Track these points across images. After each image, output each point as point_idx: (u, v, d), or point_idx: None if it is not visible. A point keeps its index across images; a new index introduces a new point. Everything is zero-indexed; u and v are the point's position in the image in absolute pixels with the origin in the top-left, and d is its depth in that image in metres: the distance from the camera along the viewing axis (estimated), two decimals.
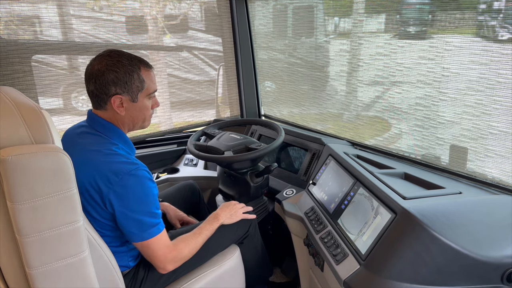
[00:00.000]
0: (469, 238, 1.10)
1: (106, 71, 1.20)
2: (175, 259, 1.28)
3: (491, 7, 1.35)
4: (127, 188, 1.14)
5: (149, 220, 1.19)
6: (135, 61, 1.25)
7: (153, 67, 1.32)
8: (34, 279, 0.96)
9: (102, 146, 1.20)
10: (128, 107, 1.26)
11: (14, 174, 0.87)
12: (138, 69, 1.24)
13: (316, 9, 2.12)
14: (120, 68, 1.21)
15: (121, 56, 1.23)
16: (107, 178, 1.13)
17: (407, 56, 1.63)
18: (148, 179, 1.19)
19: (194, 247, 1.35)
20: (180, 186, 1.91)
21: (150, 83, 1.28)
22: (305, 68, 2.26)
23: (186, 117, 2.54)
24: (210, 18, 2.44)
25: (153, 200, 1.20)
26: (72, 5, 2.01)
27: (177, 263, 1.29)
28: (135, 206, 1.16)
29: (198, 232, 1.40)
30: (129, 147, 1.30)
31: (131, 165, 1.16)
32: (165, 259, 1.25)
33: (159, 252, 1.23)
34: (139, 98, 1.27)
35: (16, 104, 0.93)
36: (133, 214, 1.16)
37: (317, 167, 1.82)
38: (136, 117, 1.30)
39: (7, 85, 1.84)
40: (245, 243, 1.64)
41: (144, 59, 1.30)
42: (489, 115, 1.39)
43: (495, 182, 1.41)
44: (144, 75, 1.26)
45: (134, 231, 1.18)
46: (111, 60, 1.21)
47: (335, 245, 1.32)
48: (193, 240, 1.36)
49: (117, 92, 1.22)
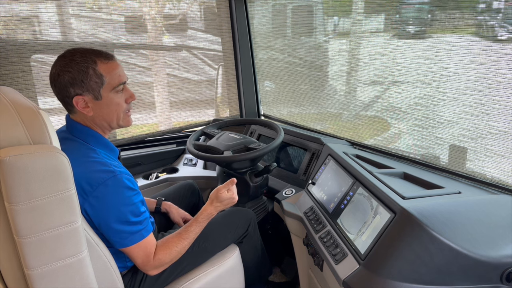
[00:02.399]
0: (469, 237, 1.10)
1: (61, 72, 1.14)
2: (157, 265, 1.25)
3: (490, 7, 1.35)
4: (101, 199, 1.10)
5: (128, 228, 1.16)
6: (90, 55, 1.16)
7: (114, 58, 1.21)
8: (33, 279, 0.95)
9: (78, 153, 1.15)
10: (94, 106, 1.18)
11: (12, 174, 0.87)
12: (93, 63, 1.15)
13: (315, 9, 2.12)
14: (73, 67, 1.13)
15: (75, 54, 1.15)
16: (81, 189, 1.09)
17: (406, 56, 1.63)
18: (124, 187, 1.13)
19: (177, 252, 1.30)
20: (179, 186, 1.91)
21: (112, 76, 1.18)
22: (305, 68, 2.26)
23: (186, 117, 2.54)
24: (209, 18, 2.44)
25: (130, 209, 1.15)
26: (71, 5, 2.00)
27: (159, 269, 1.27)
28: (110, 217, 1.13)
29: (185, 236, 1.33)
30: (110, 150, 1.25)
31: (106, 173, 1.11)
32: (146, 265, 1.23)
33: (139, 259, 1.21)
34: (103, 94, 1.18)
35: (13, 104, 0.93)
36: (110, 224, 1.13)
37: (316, 166, 1.82)
38: (107, 116, 1.21)
39: (6, 85, 1.84)
40: (244, 242, 1.63)
41: (103, 50, 1.21)
42: (488, 115, 1.39)
43: (494, 182, 1.41)
44: (102, 69, 1.17)
45: (114, 239, 1.16)
46: (64, 61, 1.14)
47: (335, 245, 1.32)
48: (177, 244, 1.30)
49: (77, 93, 1.15)
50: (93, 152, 1.17)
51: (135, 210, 1.17)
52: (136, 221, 1.17)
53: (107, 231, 1.15)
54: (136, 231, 1.18)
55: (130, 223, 1.16)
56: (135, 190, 1.18)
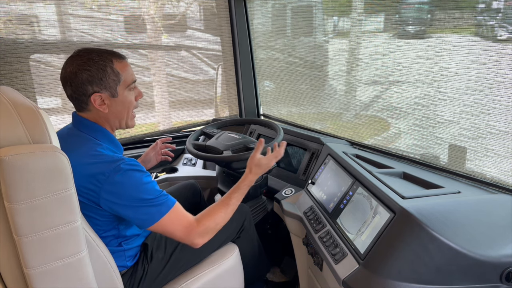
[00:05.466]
0: (468, 237, 1.10)
1: (79, 71, 1.17)
2: (201, 232, 1.23)
3: (490, 7, 1.35)
4: (117, 183, 1.12)
5: (150, 203, 1.17)
6: (106, 54, 1.22)
7: (126, 58, 1.28)
8: (32, 279, 0.95)
9: (86, 147, 1.18)
10: (110, 104, 1.23)
11: (12, 174, 0.87)
12: (110, 62, 1.21)
13: (315, 9, 2.12)
14: (92, 65, 1.18)
15: (91, 53, 1.20)
16: (95, 179, 1.11)
17: (406, 56, 1.63)
18: (134, 170, 1.16)
19: (222, 218, 1.29)
20: (181, 185, 1.91)
21: (126, 74, 1.25)
22: (304, 68, 2.26)
23: (185, 117, 2.54)
24: (208, 17, 2.44)
25: (147, 187, 1.16)
26: (71, 4, 2.00)
27: (204, 236, 1.25)
28: (131, 198, 1.14)
29: (229, 203, 1.33)
30: (115, 146, 1.27)
31: (115, 162, 1.14)
32: (189, 234, 1.21)
33: (178, 231, 1.20)
34: (119, 92, 1.24)
35: (13, 103, 0.93)
36: (132, 204, 1.14)
37: (316, 166, 1.82)
38: (120, 112, 1.26)
39: (5, 84, 1.84)
40: (241, 237, 1.63)
41: (116, 50, 1.27)
42: (488, 115, 1.39)
43: (494, 182, 1.42)
44: (118, 67, 1.23)
45: (142, 217, 1.16)
46: (81, 60, 1.18)
47: (334, 245, 1.32)
48: (221, 210, 1.30)
49: (95, 91, 1.19)
50: (100, 147, 1.19)
51: (150, 189, 1.18)
52: (155, 197, 1.18)
53: (131, 213, 1.15)
54: (160, 203, 1.18)
55: (149, 200, 1.16)
56: (145, 172, 1.20)
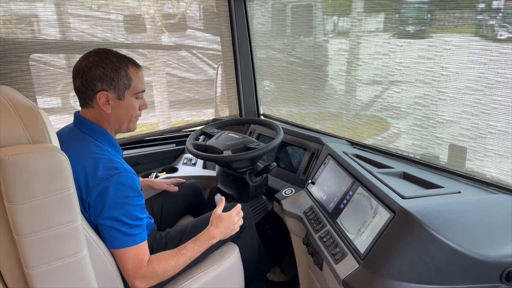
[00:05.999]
0: (468, 237, 1.10)
1: (93, 66, 1.18)
2: (146, 276, 1.19)
3: (490, 6, 1.35)
4: (103, 194, 1.11)
5: (122, 228, 1.14)
6: (123, 59, 1.24)
7: (142, 68, 1.30)
8: (32, 279, 0.95)
9: (86, 148, 1.17)
10: (114, 105, 1.24)
11: (11, 174, 0.87)
12: (126, 66, 1.23)
13: (314, 8, 2.12)
14: (108, 64, 1.19)
15: (110, 53, 1.22)
16: (86, 183, 1.11)
17: (406, 55, 1.63)
18: (127, 186, 1.14)
19: (172, 266, 1.25)
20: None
21: (138, 82, 1.27)
22: (304, 67, 2.26)
23: (185, 117, 2.54)
24: (208, 17, 2.44)
25: (128, 210, 1.14)
26: (70, 4, 2.00)
27: (148, 281, 1.20)
28: (108, 214, 1.12)
29: (183, 252, 1.29)
30: (115, 149, 1.27)
31: (112, 170, 1.12)
32: (135, 272, 1.18)
33: (129, 265, 1.17)
34: (126, 97, 1.25)
35: (13, 103, 0.93)
36: (106, 221, 1.12)
37: (316, 166, 1.82)
38: (122, 117, 1.27)
39: (4, 84, 1.84)
40: (242, 236, 1.63)
41: (134, 59, 1.29)
42: (488, 115, 1.39)
43: (494, 182, 1.42)
44: (132, 74, 1.25)
45: (107, 237, 1.15)
46: (99, 57, 1.20)
47: (334, 245, 1.32)
48: (174, 259, 1.26)
49: (103, 88, 1.20)
50: (100, 149, 1.19)
51: (133, 213, 1.16)
52: (132, 224, 1.15)
53: (102, 228, 1.15)
54: (130, 234, 1.16)
55: (125, 225, 1.14)
56: (138, 192, 1.18)
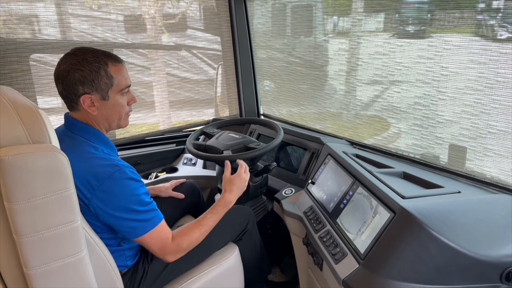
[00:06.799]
0: (468, 237, 1.10)
1: (71, 70, 1.15)
2: (174, 251, 1.26)
3: (490, 6, 1.35)
4: (110, 192, 1.12)
5: (139, 217, 1.17)
6: (102, 56, 1.19)
7: (123, 61, 1.25)
8: (32, 279, 0.95)
9: (81, 150, 1.17)
10: (100, 106, 1.21)
11: (11, 174, 0.87)
12: (105, 65, 1.19)
13: (315, 8, 2.12)
14: (86, 66, 1.15)
15: (86, 53, 1.18)
16: (89, 184, 1.11)
17: (406, 55, 1.63)
18: (129, 179, 1.15)
19: (195, 238, 1.31)
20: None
21: (120, 78, 1.22)
22: (304, 67, 2.25)
23: (185, 116, 2.54)
24: (208, 17, 2.44)
25: (138, 199, 1.17)
26: (71, 4, 2.00)
27: (176, 254, 1.27)
28: (120, 208, 1.14)
29: (204, 223, 1.35)
30: (109, 148, 1.26)
31: (111, 167, 1.13)
32: (163, 251, 1.24)
33: (155, 246, 1.22)
34: (110, 96, 1.22)
35: (13, 103, 0.93)
36: (121, 215, 1.15)
37: (316, 166, 1.82)
38: (110, 116, 1.25)
39: (5, 84, 1.84)
40: (243, 239, 1.63)
41: (113, 53, 1.24)
42: (488, 114, 1.39)
43: (494, 181, 1.41)
44: (113, 71, 1.20)
45: (126, 230, 1.18)
46: (75, 59, 1.16)
47: (334, 245, 1.32)
48: (196, 231, 1.32)
49: (85, 92, 1.17)
50: (94, 149, 1.18)
51: (142, 200, 1.18)
52: (145, 210, 1.19)
53: (118, 223, 1.16)
54: (147, 219, 1.19)
55: (139, 213, 1.17)
56: (140, 181, 1.20)
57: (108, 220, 1.16)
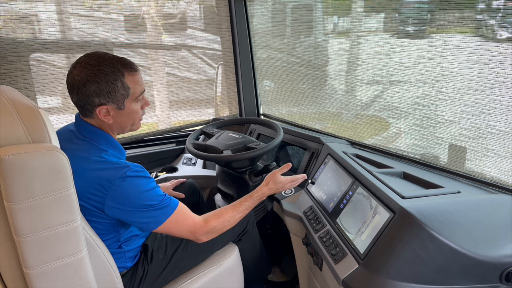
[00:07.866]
0: (468, 237, 1.10)
1: (87, 82, 1.13)
2: (207, 231, 1.29)
3: (490, 6, 1.35)
4: (122, 191, 1.12)
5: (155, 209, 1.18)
6: (118, 66, 1.17)
7: (138, 69, 1.24)
8: (32, 279, 0.95)
9: (91, 153, 1.16)
10: (115, 115, 1.22)
11: (11, 173, 0.86)
12: (121, 76, 1.17)
13: (315, 8, 2.12)
14: (102, 78, 1.13)
15: (102, 63, 1.15)
16: (100, 186, 1.11)
17: (406, 55, 1.63)
18: (140, 177, 1.16)
19: (228, 221, 1.35)
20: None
21: (136, 87, 1.22)
22: (304, 67, 2.25)
23: (185, 116, 2.54)
24: (208, 17, 2.44)
25: (151, 194, 1.18)
26: (70, 4, 2.00)
27: (209, 235, 1.31)
28: (136, 205, 1.15)
29: (238, 209, 1.39)
30: (119, 151, 1.26)
31: (121, 169, 1.13)
32: (196, 232, 1.27)
33: (184, 230, 1.25)
34: (126, 105, 1.21)
35: (13, 103, 0.93)
36: (138, 209, 1.16)
37: (316, 166, 1.82)
38: (124, 122, 1.26)
39: (5, 84, 1.84)
40: (243, 239, 1.64)
41: (129, 60, 1.22)
42: (488, 114, 1.39)
43: (494, 182, 1.42)
44: (129, 82, 1.19)
45: (147, 221, 1.19)
46: (91, 70, 1.13)
47: (334, 245, 1.32)
48: (230, 214, 1.36)
49: (102, 103, 1.16)
50: (104, 153, 1.18)
51: (154, 193, 1.20)
52: (158, 202, 1.20)
53: (136, 217, 1.17)
54: (164, 206, 1.20)
55: (154, 206, 1.18)
56: (150, 177, 1.21)
57: (126, 218, 1.17)
